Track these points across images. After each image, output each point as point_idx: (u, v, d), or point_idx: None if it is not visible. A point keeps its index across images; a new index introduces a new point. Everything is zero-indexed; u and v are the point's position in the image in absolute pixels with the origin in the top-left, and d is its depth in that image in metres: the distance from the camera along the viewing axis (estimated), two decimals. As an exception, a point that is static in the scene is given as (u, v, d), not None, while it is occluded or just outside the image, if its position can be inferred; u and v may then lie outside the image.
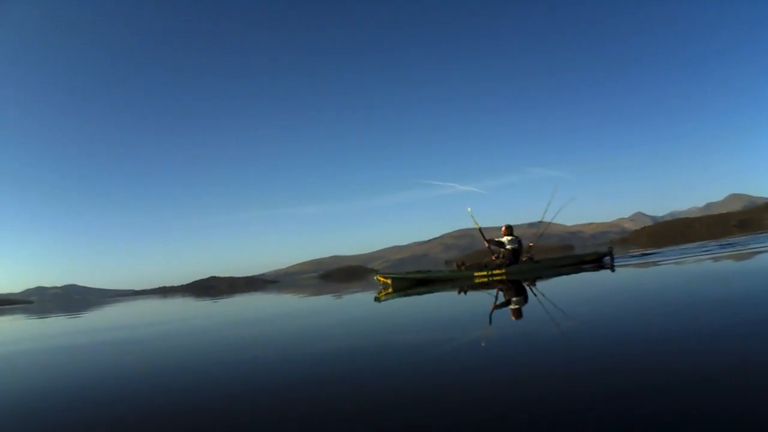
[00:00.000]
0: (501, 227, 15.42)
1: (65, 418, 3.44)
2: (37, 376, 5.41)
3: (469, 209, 15.59)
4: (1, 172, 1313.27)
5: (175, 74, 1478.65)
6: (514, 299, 7.98)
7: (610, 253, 15.31)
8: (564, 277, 11.32)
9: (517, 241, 14.96)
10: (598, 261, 15.11)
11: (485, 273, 14.17)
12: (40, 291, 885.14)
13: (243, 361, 5.11)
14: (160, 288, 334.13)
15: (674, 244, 26.49)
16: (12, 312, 35.15)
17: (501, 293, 9.32)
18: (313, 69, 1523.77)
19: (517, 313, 6.31)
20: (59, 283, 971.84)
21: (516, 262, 14.53)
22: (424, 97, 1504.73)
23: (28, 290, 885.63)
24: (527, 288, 9.65)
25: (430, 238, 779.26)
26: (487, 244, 15.04)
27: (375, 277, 17.16)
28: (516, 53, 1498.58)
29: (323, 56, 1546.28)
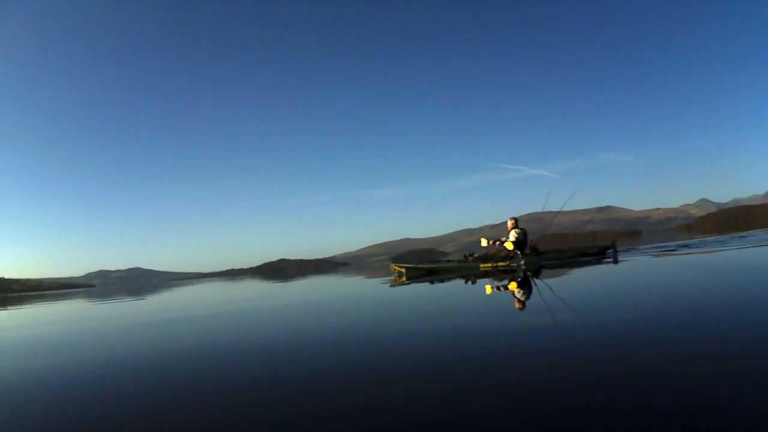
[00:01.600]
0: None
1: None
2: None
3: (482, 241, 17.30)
4: (65, 160, 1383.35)
5: (263, 60, 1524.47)
6: (516, 288, 8.91)
7: (613, 246, 16.62)
8: (566, 269, 12.17)
9: (522, 233, 16.18)
10: (601, 254, 16.16)
11: (491, 264, 15.67)
12: (102, 274, 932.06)
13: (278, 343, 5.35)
14: (228, 270, 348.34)
15: (735, 231, 27.23)
16: (72, 296, 36.70)
17: (500, 283, 10.44)
18: (393, 53, 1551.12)
19: (518, 302, 6.92)
20: (123, 267, 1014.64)
21: (520, 254, 15.85)
22: (497, 80, 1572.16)
23: (89, 274, 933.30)
24: (530, 278, 10.53)
25: (501, 221, 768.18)
26: (494, 242, 16.64)
27: (390, 266, 18.60)
28: (594, 43, 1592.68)
29: (402, 41, 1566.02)
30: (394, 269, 17.68)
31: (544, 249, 16.50)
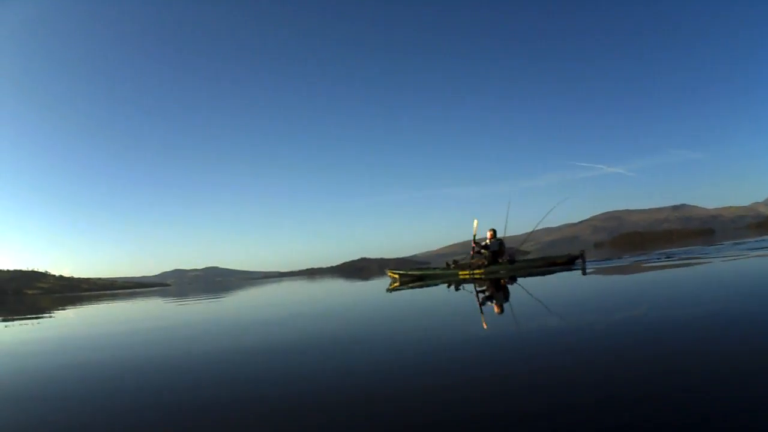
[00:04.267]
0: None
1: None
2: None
3: (475, 222, 19.63)
4: (139, 159, 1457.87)
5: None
6: (488, 293, 10.70)
7: (581, 257, 18.54)
8: (536, 278, 13.89)
9: (497, 244, 18.94)
10: (569, 263, 18.27)
11: (468, 272, 18.50)
12: (178, 274, 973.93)
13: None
14: (307, 269, 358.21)
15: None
16: (146, 295, 38.81)
17: (477, 287, 12.50)
18: (476, 54, 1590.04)
19: (494, 305, 8.25)
20: (200, 266, 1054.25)
21: (494, 263, 18.49)
22: (569, 76, 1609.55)
23: (164, 273, 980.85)
24: (503, 285, 12.45)
25: (580, 220, 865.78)
26: (474, 246, 19.28)
27: (387, 273, 22.00)
28: (672, 42, 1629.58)
29: (484, 39, 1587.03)
30: (390, 275, 21.06)
31: (519, 259, 19.16)
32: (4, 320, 16.31)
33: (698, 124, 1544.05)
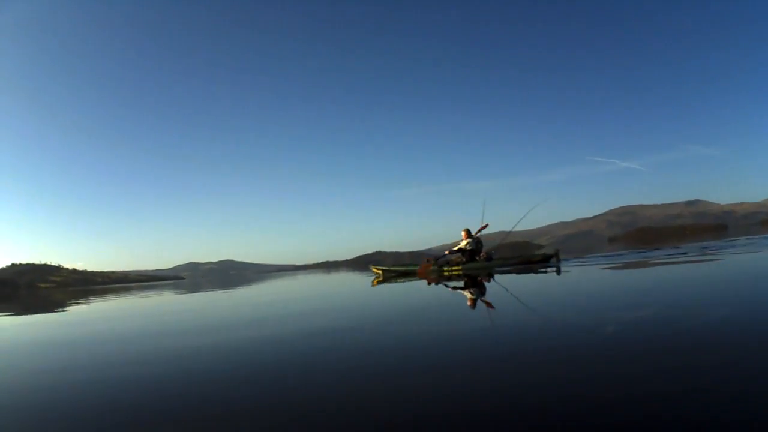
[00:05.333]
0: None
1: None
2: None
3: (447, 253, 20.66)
4: (153, 154, 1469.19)
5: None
6: (465, 289, 11.53)
7: (556, 256, 19.54)
8: (512, 276, 14.49)
9: (474, 242, 19.92)
10: (545, 262, 19.21)
11: (446, 269, 19.42)
12: (192, 267, 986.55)
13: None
14: (323, 263, 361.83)
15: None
16: (158, 289, 38.49)
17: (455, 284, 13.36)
18: (487, 44, 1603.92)
19: (471, 301, 8.88)
20: (214, 259, 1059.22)
21: (472, 261, 19.49)
22: (585, 72, 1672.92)
23: (178, 267, 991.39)
24: (480, 281, 13.27)
25: (595, 214, 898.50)
26: (447, 252, 20.60)
27: (371, 268, 23.62)
28: (688, 37, 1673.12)
29: (498, 32, 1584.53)
30: (374, 271, 22.57)
31: (497, 257, 20.01)
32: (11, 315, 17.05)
33: (712, 120, 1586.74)
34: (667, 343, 3.91)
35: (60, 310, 17.60)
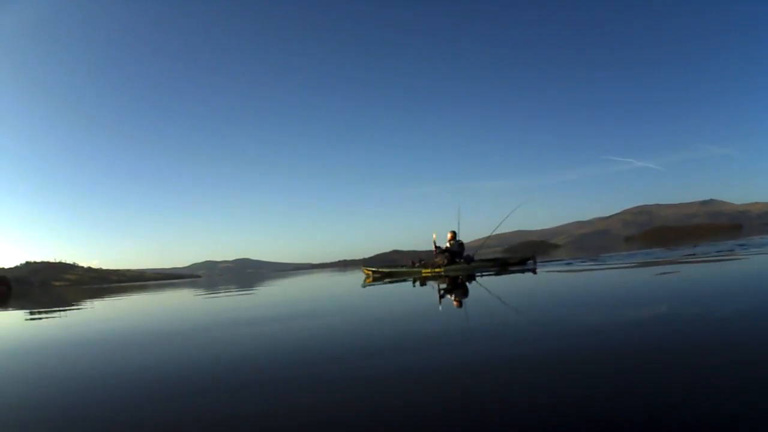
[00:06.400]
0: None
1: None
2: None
3: (434, 234, 21.64)
4: (167, 153, 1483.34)
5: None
6: (444, 288, 12.44)
7: (533, 258, 21.02)
8: (492, 277, 15.56)
9: (457, 244, 21.24)
10: (522, 264, 20.36)
11: (429, 270, 20.70)
12: (208, 265, 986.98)
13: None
14: (339, 261, 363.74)
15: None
16: (173, 287, 39.34)
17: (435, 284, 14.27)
18: (503, 44, 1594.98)
19: (454, 300, 9.57)
20: (230, 258, 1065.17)
21: (453, 263, 20.67)
22: (600, 70, 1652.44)
23: (194, 265, 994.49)
24: (460, 282, 14.32)
25: (611, 213, 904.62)
26: (435, 250, 21.38)
27: (362, 269, 25.37)
28: (706, 34, 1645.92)
29: (515, 32, 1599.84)
30: (365, 272, 24.13)
31: (478, 259, 21.31)
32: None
33: (727, 119, 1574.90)
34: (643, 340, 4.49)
35: (66, 308, 17.93)
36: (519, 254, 21.90)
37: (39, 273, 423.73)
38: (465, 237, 21.59)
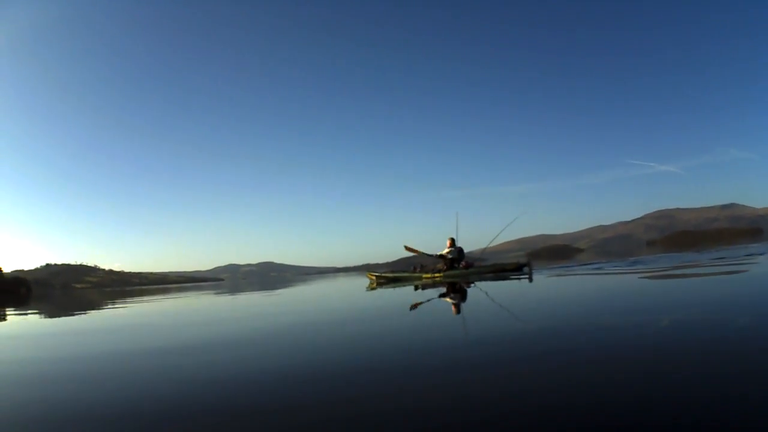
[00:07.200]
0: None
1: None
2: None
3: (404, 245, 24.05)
4: (190, 156, 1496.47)
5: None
6: (447, 294, 12.36)
7: (528, 264, 20.98)
8: (489, 282, 15.50)
9: (456, 251, 22.19)
10: (518, 270, 20.60)
11: (429, 275, 21.37)
12: (231, 269, 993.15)
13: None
14: (363, 265, 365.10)
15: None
16: (196, 290, 39.13)
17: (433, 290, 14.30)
18: (522, 46, 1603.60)
19: (454, 306, 9.51)
20: (254, 261, 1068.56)
21: (452, 269, 21.59)
22: (624, 73, 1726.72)
23: (217, 268, 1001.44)
24: (459, 287, 14.23)
25: (633, 218, 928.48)
26: (434, 254, 22.80)
27: (367, 275, 26.04)
28: (728, 38, 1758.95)
29: (531, 34, 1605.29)
30: (369, 277, 24.69)
31: (476, 265, 21.94)
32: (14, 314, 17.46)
33: (749, 123, 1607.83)
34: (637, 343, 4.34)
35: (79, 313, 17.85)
36: (521, 260, 22.14)
37: (59, 275, 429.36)
38: (487, 242, 23.23)
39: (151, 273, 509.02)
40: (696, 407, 2.50)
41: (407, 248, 24.48)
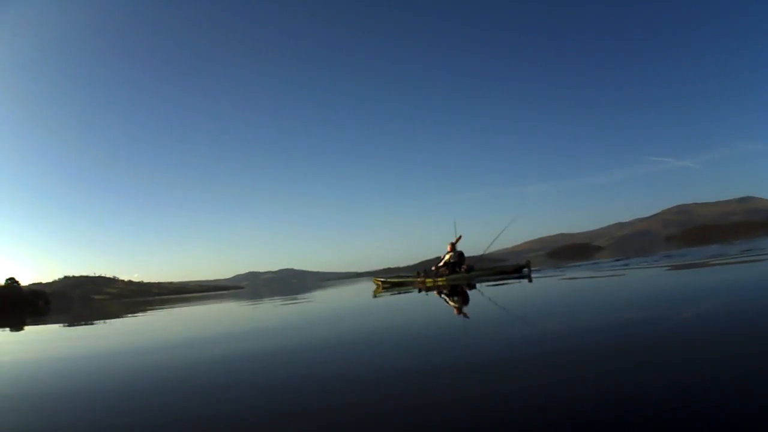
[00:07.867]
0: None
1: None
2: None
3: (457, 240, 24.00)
4: (211, 166, 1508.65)
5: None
6: (450, 297, 13.21)
7: (527, 266, 22.16)
8: (491, 285, 16.19)
9: (457, 255, 23.07)
10: (518, 272, 21.76)
11: (432, 280, 22.56)
12: (251, 276, 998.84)
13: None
14: (383, 270, 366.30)
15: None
16: (216, 299, 39.64)
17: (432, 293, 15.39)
18: (541, 47, 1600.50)
19: (457, 308, 10.12)
20: (274, 268, 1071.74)
21: (454, 273, 22.54)
22: (638, 68, 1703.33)
23: (237, 276, 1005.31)
24: (461, 291, 15.09)
25: (652, 214, 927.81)
26: (434, 268, 23.46)
27: (373, 280, 27.57)
28: (742, 31, 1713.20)
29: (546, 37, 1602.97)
30: (375, 282, 26.21)
31: (477, 268, 22.97)
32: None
33: (763, 115, 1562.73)
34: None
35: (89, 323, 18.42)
36: (523, 262, 23.02)
37: (78, 287, 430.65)
38: (508, 242, 24.40)
39: (171, 283, 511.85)
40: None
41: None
